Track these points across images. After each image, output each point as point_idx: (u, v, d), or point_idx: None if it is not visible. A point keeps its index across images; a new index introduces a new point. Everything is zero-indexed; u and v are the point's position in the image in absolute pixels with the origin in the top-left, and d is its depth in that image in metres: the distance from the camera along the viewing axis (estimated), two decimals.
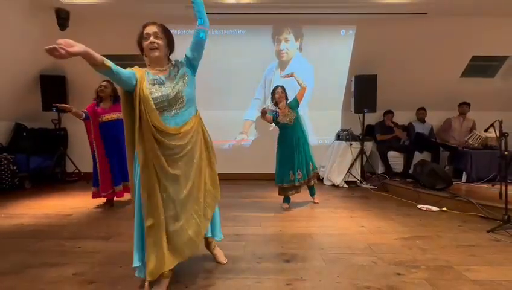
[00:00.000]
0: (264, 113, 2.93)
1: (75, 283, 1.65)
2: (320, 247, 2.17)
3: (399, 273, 1.76)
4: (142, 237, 1.50)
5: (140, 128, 1.45)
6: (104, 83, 3.16)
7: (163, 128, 1.47)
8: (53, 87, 4.70)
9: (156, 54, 1.54)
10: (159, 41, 1.53)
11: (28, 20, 3.88)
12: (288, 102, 3.20)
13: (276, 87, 3.21)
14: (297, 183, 3.16)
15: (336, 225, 2.72)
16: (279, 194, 3.27)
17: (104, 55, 1.35)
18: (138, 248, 1.52)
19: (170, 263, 1.49)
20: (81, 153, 4.94)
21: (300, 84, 3.17)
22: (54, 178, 4.73)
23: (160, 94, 1.48)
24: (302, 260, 1.95)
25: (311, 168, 3.24)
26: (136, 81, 1.46)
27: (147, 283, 1.49)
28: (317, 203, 3.41)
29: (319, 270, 1.81)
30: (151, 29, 1.53)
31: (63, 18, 3.88)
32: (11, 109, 4.51)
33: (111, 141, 3.12)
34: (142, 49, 1.59)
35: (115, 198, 3.30)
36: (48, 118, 4.84)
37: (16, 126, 4.67)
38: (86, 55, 1.29)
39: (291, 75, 3.19)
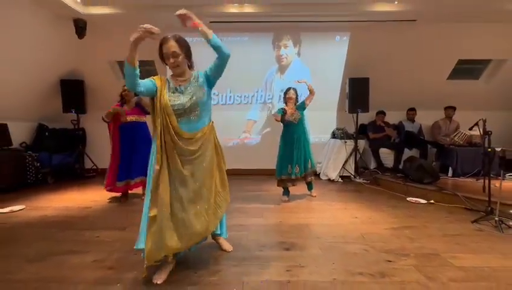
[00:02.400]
0: (276, 119, 3.12)
1: (95, 269, 1.67)
2: (317, 236, 2.18)
3: (389, 261, 1.76)
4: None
5: (161, 130, 1.49)
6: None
7: (179, 132, 1.51)
8: (72, 91, 4.72)
9: (178, 70, 1.57)
10: (179, 59, 1.53)
11: (50, 30, 3.90)
12: (297, 104, 3.24)
13: (290, 88, 3.25)
14: (293, 177, 3.17)
15: (332, 216, 2.72)
16: (278, 185, 3.31)
17: (118, 62, 1.37)
18: (143, 232, 1.54)
19: (168, 250, 1.49)
20: (98, 151, 5.00)
21: (310, 90, 3.19)
22: (74, 174, 4.76)
23: (178, 102, 1.51)
24: (301, 249, 1.96)
25: (309, 165, 3.24)
26: (156, 88, 1.52)
27: (145, 266, 1.49)
28: (315, 196, 3.42)
29: (316, 258, 1.82)
30: (168, 48, 1.51)
31: (81, 27, 3.91)
32: (35, 110, 4.55)
33: (126, 140, 3.12)
34: (163, 59, 1.59)
35: (129, 191, 3.29)
36: (68, 119, 4.88)
37: (38, 126, 4.70)
38: (138, 43, 1.40)
39: (304, 81, 3.22)
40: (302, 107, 3.22)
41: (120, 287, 1.48)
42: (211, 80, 1.63)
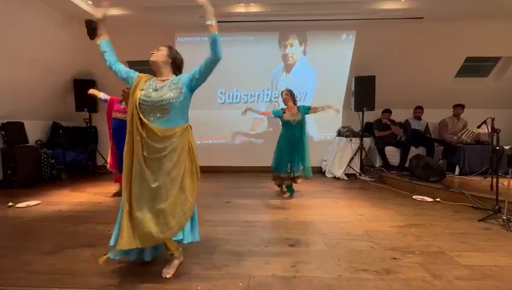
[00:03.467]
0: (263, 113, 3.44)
1: (106, 262, 1.70)
2: (322, 233, 2.17)
3: (394, 258, 1.75)
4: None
5: (131, 122, 1.50)
6: (128, 90, 3.18)
7: (147, 125, 1.47)
8: (85, 90, 4.74)
9: (155, 66, 1.60)
10: (158, 53, 1.58)
11: (63, 31, 3.97)
12: (300, 105, 3.21)
13: (283, 90, 3.23)
14: (282, 175, 3.17)
15: (336, 213, 2.71)
16: (272, 179, 3.34)
17: (128, 61, 1.41)
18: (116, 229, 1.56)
19: (120, 245, 1.46)
20: (109, 148, 5.08)
21: (322, 110, 3.18)
22: (87, 170, 4.85)
23: (148, 98, 1.50)
24: (306, 245, 1.96)
25: (300, 168, 3.17)
26: (133, 80, 1.58)
27: (105, 257, 1.52)
28: (287, 197, 3.28)
29: (321, 254, 1.82)
30: (157, 47, 1.62)
31: (92, 28, 3.95)
32: (49, 109, 4.65)
33: (120, 136, 3.13)
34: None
35: None
36: (81, 117, 4.97)
37: (53, 125, 4.81)
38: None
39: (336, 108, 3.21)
40: (305, 111, 3.14)
41: (131, 279, 1.51)
42: (193, 83, 1.56)
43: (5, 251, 1.87)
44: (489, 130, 2.72)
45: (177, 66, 1.63)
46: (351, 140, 4.57)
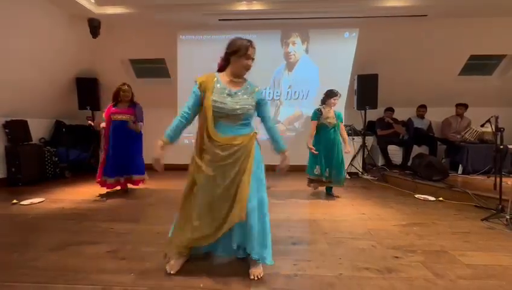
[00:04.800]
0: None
1: (109, 259, 1.72)
2: (324, 232, 2.17)
3: (397, 257, 1.74)
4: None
5: (201, 129, 1.50)
6: (126, 87, 3.15)
7: (214, 135, 1.46)
8: (87, 89, 4.82)
9: (245, 73, 1.58)
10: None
11: (66, 30, 3.98)
12: (337, 111, 3.16)
13: (337, 94, 3.08)
14: (314, 178, 3.14)
15: (339, 212, 2.70)
16: (308, 183, 3.26)
17: (130, 59, 1.40)
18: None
19: (186, 244, 1.57)
20: None
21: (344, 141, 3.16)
22: (90, 168, 4.86)
23: (223, 105, 1.45)
24: (308, 243, 1.96)
25: (334, 172, 3.08)
26: (200, 94, 1.50)
27: (165, 254, 1.62)
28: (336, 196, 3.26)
29: (323, 252, 1.81)
30: (253, 52, 1.55)
31: (95, 27, 3.96)
32: (52, 108, 4.68)
33: (117, 137, 3.14)
34: (227, 59, 1.56)
35: (129, 186, 3.36)
36: (83, 115, 4.97)
37: (56, 123, 4.83)
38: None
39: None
40: (340, 117, 3.14)
41: (133, 276, 1.52)
42: (256, 108, 1.60)
43: (10, 247, 1.89)
44: (493, 129, 2.69)
45: None
46: (353, 139, 4.55)
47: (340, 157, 3.10)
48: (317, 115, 3.05)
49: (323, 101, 3.11)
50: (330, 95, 3.05)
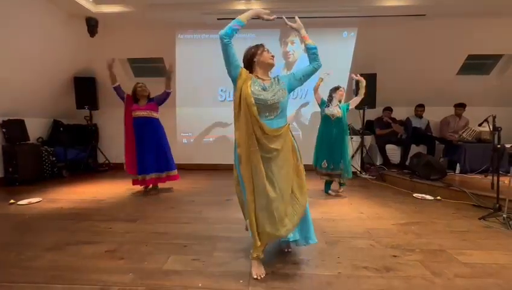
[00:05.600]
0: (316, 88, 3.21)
1: (108, 259, 1.72)
2: (323, 231, 2.17)
3: (395, 256, 1.75)
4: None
5: (238, 118, 1.50)
6: (141, 84, 3.21)
7: (261, 126, 1.46)
8: (85, 88, 4.80)
9: (270, 70, 1.63)
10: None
11: (63, 29, 3.96)
12: (342, 103, 3.21)
13: (340, 86, 3.22)
14: (324, 171, 3.19)
15: (337, 211, 2.70)
16: (320, 177, 3.31)
17: (128, 59, 1.38)
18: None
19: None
20: (110, 146, 5.10)
21: (361, 90, 3.21)
22: (88, 168, 4.86)
23: (262, 97, 1.48)
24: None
25: (340, 166, 3.10)
26: (240, 75, 1.51)
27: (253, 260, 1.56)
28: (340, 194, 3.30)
29: (322, 252, 1.82)
30: (270, 51, 1.65)
31: (92, 25, 3.94)
32: (50, 107, 4.65)
33: (146, 136, 3.16)
34: (249, 63, 1.62)
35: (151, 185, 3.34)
36: (81, 115, 4.97)
37: (53, 122, 4.81)
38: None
39: (359, 78, 3.21)
40: (345, 108, 3.18)
41: (131, 276, 1.52)
42: (293, 84, 1.65)
43: (7, 247, 1.88)
44: (491, 129, 2.71)
45: None
46: (351, 138, 4.55)
47: (345, 148, 3.13)
48: (325, 103, 3.18)
49: (330, 99, 3.20)
50: (334, 89, 3.20)
